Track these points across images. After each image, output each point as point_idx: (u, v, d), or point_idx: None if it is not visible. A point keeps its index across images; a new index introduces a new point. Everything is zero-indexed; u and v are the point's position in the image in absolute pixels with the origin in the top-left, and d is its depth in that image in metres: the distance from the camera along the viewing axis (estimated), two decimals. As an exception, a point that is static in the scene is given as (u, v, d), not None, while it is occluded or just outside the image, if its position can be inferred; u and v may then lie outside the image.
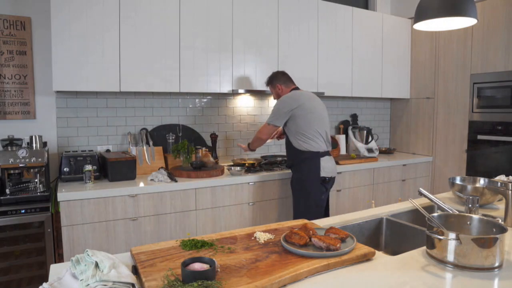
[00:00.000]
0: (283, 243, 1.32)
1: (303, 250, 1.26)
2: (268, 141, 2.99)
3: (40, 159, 2.41)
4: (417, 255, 1.33)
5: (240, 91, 3.16)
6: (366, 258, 1.28)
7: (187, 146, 3.00)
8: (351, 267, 1.23)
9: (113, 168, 2.63)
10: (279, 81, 2.85)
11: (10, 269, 2.27)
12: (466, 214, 1.46)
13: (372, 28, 3.94)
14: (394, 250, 1.74)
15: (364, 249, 1.30)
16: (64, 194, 2.33)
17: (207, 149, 3.22)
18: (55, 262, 2.36)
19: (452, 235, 1.19)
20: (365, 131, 4.01)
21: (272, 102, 3.77)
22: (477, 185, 1.99)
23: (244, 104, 3.64)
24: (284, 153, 3.82)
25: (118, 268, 1.08)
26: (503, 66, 3.35)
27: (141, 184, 2.59)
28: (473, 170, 3.64)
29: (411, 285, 1.10)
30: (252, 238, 1.43)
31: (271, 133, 2.87)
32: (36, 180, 2.46)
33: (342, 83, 3.76)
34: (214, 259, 1.14)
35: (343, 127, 4.19)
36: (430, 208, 1.96)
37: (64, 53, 2.51)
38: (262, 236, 1.42)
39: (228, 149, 3.58)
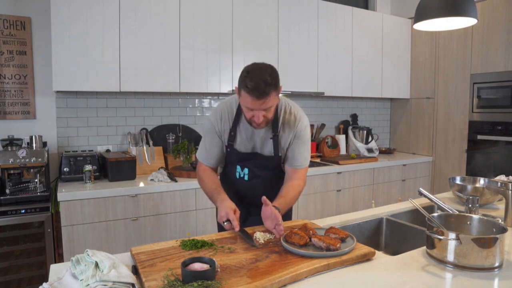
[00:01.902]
0: (283, 243, 1.32)
1: (303, 250, 1.26)
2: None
3: (40, 159, 2.41)
4: (417, 255, 1.33)
5: (240, 91, 3.15)
6: (366, 258, 1.28)
7: (187, 146, 3.00)
8: (351, 267, 1.23)
9: (113, 168, 2.63)
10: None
11: (10, 269, 2.27)
12: (466, 214, 1.46)
13: (372, 28, 3.93)
14: (394, 250, 1.73)
15: (364, 249, 1.30)
16: (64, 194, 2.33)
17: (207, 149, 3.22)
18: (55, 262, 2.36)
19: (452, 235, 1.19)
20: (365, 131, 4.01)
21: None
22: (477, 185, 1.99)
23: (244, 104, 3.63)
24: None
25: (118, 268, 1.08)
26: (503, 66, 3.35)
27: (141, 184, 2.59)
28: (473, 170, 3.64)
29: (411, 285, 1.10)
30: (253, 238, 1.43)
31: None
32: (36, 180, 2.46)
33: (342, 83, 3.76)
34: (214, 259, 1.14)
35: (343, 127, 4.19)
36: (430, 208, 1.96)
37: (64, 53, 2.51)
38: (262, 236, 1.42)
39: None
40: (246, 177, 1.74)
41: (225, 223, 1.49)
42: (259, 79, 1.44)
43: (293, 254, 1.27)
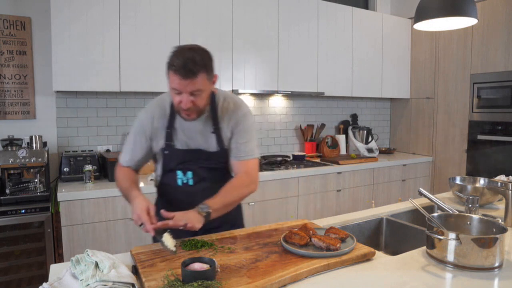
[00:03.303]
0: (283, 244, 1.32)
1: (303, 250, 1.26)
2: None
3: (40, 159, 2.41)
4: (417, 255, 1.33)
5: (240, 91, 3.15)
6: (366, 258, 1.28)
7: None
8: (351, 267, 1.23)
9: (113, 168, 2.62)
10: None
11: (10, 269, 2.27)
12: (466, 214, 1.46)
13: (372, 28, 3.93)
14: (394, 250, 1.73)
15: (364, 249, 1.30)
16: (64, 194, 2.33)
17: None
18: (55, 262, 2.36)
19: (452, 235, 1.19)
20: (365, 131, 4.01)
21: (275, 102, 3.78)
22: (477, 185, 1.99)
23: (244, 104, 3.63)
24: (284, 153, 3.83)
25: (118, 268, 1.08)
26: (503, 66, 3.35)
27: (141, 184, 2.59)
28: (473, 170, 3.64)
29: (411, 285, 1.10)
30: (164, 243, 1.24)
31: None
32: (36, 180, 2.46)
33: (342, 83, 3.76)
34: (214, 259, 1.13)
35: (343, 127, 4.19)
36: (430, 208, 1.96)
37: (64, 53, 2.51)
38: (171, 242, 1.23)
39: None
40: (190, 182, 1.54)
41: (142, 227, 1.31)
42: (187, 58, 1.31)
43: (293, 254, 1.27)
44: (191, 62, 1.31)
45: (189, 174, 1.54)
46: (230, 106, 1.55)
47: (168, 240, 1.23)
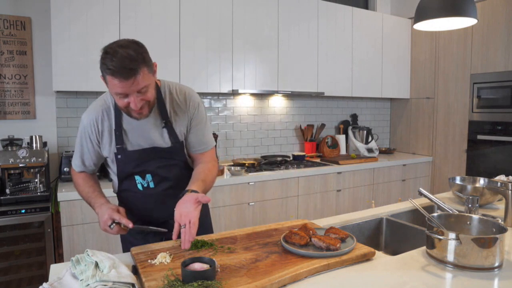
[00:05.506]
0: (283, 244, 1.32)
1: (303, 250, 1.26)
2: None
3: (40, 159, 2.41)
4: (417, 255, 1.33)
5: (240, 91, 3.15)
6: (366, 258, 1.28)
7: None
8: (351, 267, 1.23)
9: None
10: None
11: (10, 269, 2.27)
12: (466, 214, 1.46)
13: (372, 28, 3.93)
14: (394, 250, 1.73)
15: (364, 249, 1.30)
16: (64, 194, 2.33)
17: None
18: (55, 262, 2.36)
19: (452, 235, 1.19)
20: (365, 131, 4.02)
21: (275, 102, 3.78)
22: (477, 185, 1.99)
23: (244, 104, 3.64)
24: (284, 153, 3.83)
25: (118, 268, 1.08)
26: (503, 66, 3.35)
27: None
28: (473, 170, 3.64)
29: (411, 285, 1.10)
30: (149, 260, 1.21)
31: None
32: (36, 180, 2.46)
33: (342, 83, 3.76)
34: (214, 259, 1.14)
35: (343, 127, 4.19)
36: (430, 208, 1.96)
37: (64, 53, 2.51)
38: (164, 258, 1.21)
39: (228, 149, 3.58)
40: (151, 184, 1.48)
41: (112, 227, 1.30)
42: (123, 56, 1.21)
43: (293, 254, 1.27)
44: (127, 60, 1.22)
45: (148, 177, 1.48)
46: (180, 98, 1.49)
47: (163, 257, 1.22)
